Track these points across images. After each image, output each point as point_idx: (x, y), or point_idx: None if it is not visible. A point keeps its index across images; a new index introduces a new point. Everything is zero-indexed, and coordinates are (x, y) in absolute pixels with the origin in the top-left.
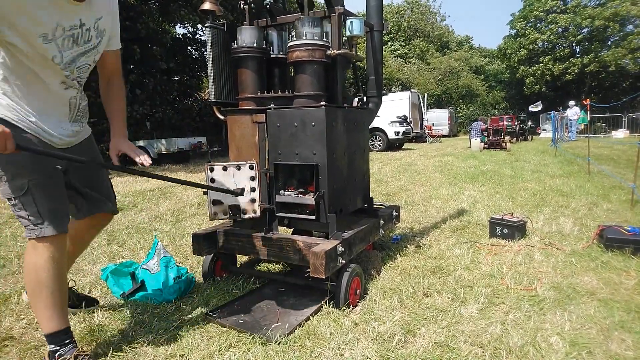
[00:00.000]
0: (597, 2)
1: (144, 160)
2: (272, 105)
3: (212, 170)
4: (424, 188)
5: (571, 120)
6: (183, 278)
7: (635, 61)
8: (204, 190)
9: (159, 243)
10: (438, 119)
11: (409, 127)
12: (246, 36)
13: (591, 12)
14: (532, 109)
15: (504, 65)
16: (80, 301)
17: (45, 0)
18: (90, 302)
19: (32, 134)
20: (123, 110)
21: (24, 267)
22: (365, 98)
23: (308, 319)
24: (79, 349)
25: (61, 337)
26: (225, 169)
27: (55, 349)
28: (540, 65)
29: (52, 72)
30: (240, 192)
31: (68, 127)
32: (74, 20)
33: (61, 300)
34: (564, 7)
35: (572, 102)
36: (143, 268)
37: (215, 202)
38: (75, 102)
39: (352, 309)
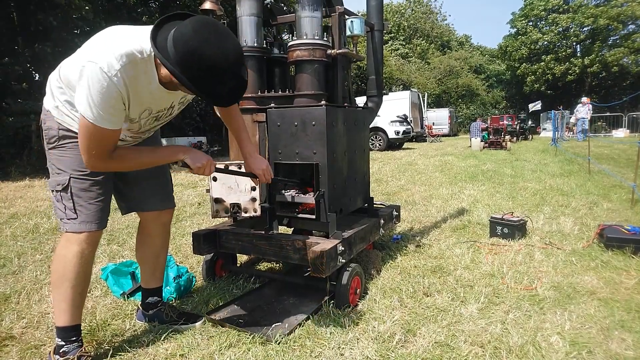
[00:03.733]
0: (600, 1)
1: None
2: (272, 105)
3: None
4: (424, 187)
5: (584, 119)
6: (183, 277)
7: (637, 61)
8: (206, 188)
9: None
10: (438, 118)
11: (409, 126)
12: (245, 8)
13: (594, 10)
14: (531, 107)
15: (504, 66)
16: (181, 317)
17: (147, 95)
18: (193, 318)
19: None
20: (244, 129)
21: (53, 257)
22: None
23: (308, 318)
24: (83, 349)
25: (69, 333)
26: (227, 167)
27: (61, 343)
28: (542, 64)
29: (123, 134)
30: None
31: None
32: (165, 105)
33: (80, 297)
34: (566, 7)
35: (584, 99)
36: None
37: (218, 201)
38: (136, 142)
39: (352, 308)
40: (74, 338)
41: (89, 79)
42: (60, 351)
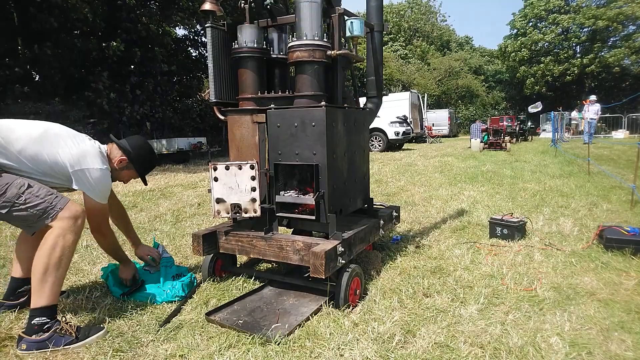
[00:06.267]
0: (601, 2)
1: None
2: (272, 106)
3: (215, 169)
4: (423, 188)
5: (592, 119)
6: (182, 278)
7: (638, 62)
8: (208, 189)
9: (160, 245)
10: (438, 119)
11: (409, 127)
12: (246, 35)
13: (595, 11)
14: (531, 109)
15: (504, 68)
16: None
17: None
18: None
19: None
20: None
21: (51, 243)
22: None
23: (308, 319)
24: (62, 322)
25: (54, 310)
26: (227, 168)
27: (44, 321)
28: (541, 65)
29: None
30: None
31: None
32: None
33: None
34: (567, 8)
35: (593, 97)
36: (143, 268)
37: (219, 201)
38: None
39: (352, 309)
40: (55, 315)
41: (94, 178)
42: (45, 327)
